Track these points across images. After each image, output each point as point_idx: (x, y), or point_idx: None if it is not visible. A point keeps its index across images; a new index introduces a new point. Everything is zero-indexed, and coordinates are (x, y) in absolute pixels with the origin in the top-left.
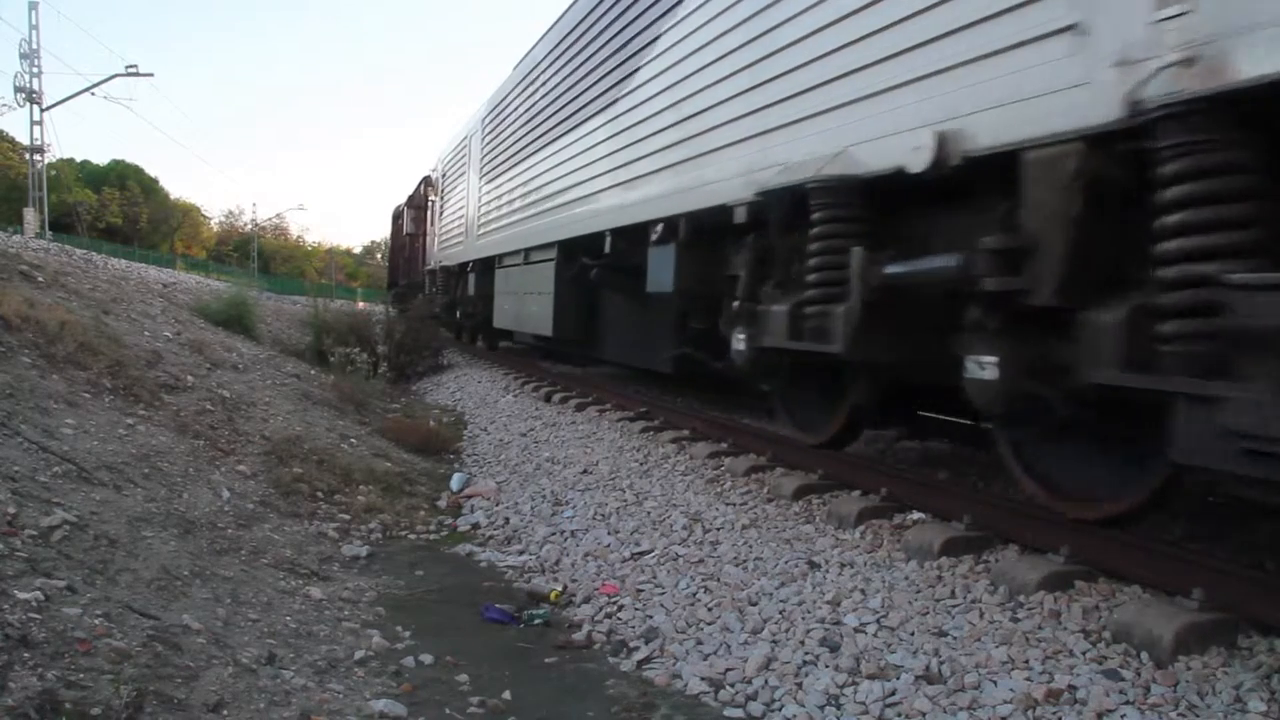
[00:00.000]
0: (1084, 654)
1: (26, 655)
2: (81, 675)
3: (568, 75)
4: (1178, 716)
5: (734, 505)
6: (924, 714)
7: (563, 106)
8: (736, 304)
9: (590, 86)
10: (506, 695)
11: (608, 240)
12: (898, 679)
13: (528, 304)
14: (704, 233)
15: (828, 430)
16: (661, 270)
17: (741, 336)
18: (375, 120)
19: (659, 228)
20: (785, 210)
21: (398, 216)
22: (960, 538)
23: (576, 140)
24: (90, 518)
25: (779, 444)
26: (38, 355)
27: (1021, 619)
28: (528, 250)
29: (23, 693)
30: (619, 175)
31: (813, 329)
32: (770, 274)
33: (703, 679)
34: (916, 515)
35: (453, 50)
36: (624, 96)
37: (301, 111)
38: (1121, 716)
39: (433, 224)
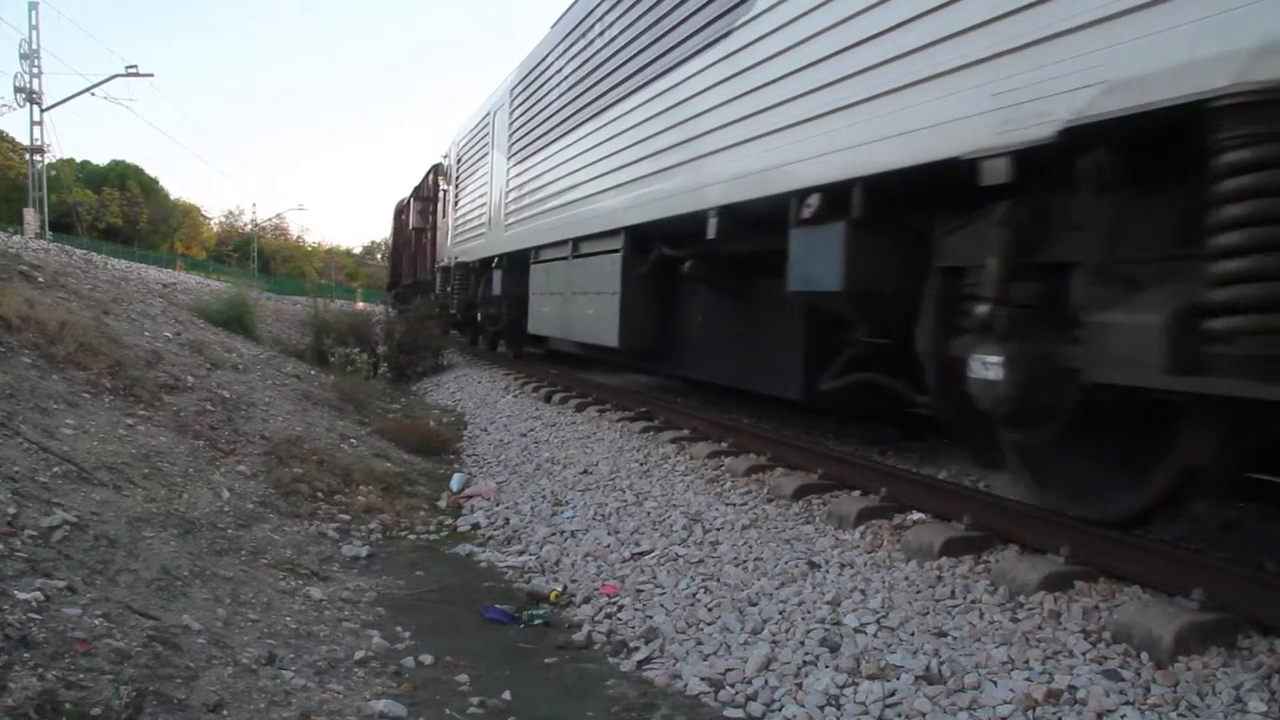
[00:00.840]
0: (1084, 654)
1: (26, 655)
2: (81, 675)
3: (644, 13)
4: (1178, 717)
5: (734, 505)
6: (924, 714)
7: (632, 57)
8: (985, 309)
9: (681, 23)
10: (506, 695)
11: (712, 222)
12: (898, 679)
13: (579, 306)
14: (894, 204)
15: (1131, 502)
16: (819, 260)
17: (995, 360)
18: (376, 119)
19: (812, 200)
20: (1116, 155)
21: (400, 211)
22: (960, 538)
23: (656, 97)
24: (90, 518)
25: (779, 444)
26: (38, 355)
27: (1021, 619)
28: (577, 241)
29: (23, 693)
30: (737, 132)
31: (1241, 359)
32: (1075, 258)
33: (703, 679)
34: (916, 515)
35: (454, 49)
36: (744, 24)
37: (302, 111)
38: (1121, 717)
39: (445, 216)
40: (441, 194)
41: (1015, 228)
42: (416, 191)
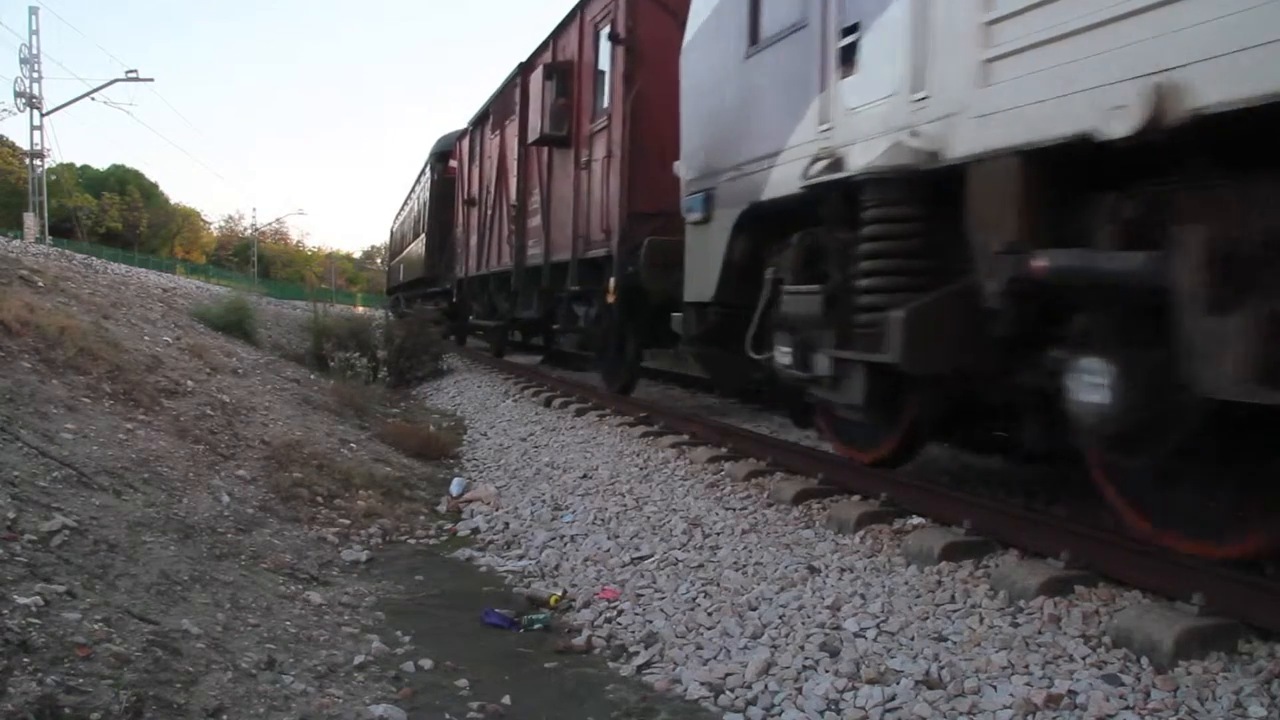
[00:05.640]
0: (1084, 659)
1: (26, 660)
2: (81, 680)
3: None
4: None
5: (734, 510)
6: (924, 719)
7: None
8: None
9: None
10: (506, 700)
11: None
12: (897, 684)
13: None
14: None
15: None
16: None
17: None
18: (377, 121)
19: None
20: None
21: (442, 155)
22: (960, 542)
23: None
24: (90, 523)
25: (779, 449)
26: (38, 360)
27: (1021, 624)
28: None
29: (22, 698)
30: None
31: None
32: None
33: (702, 684)
34: (916, 520)
35: (454, 51)
36: None
37: (302, 115)
38: None
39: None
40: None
41: None
42: (536, 62)
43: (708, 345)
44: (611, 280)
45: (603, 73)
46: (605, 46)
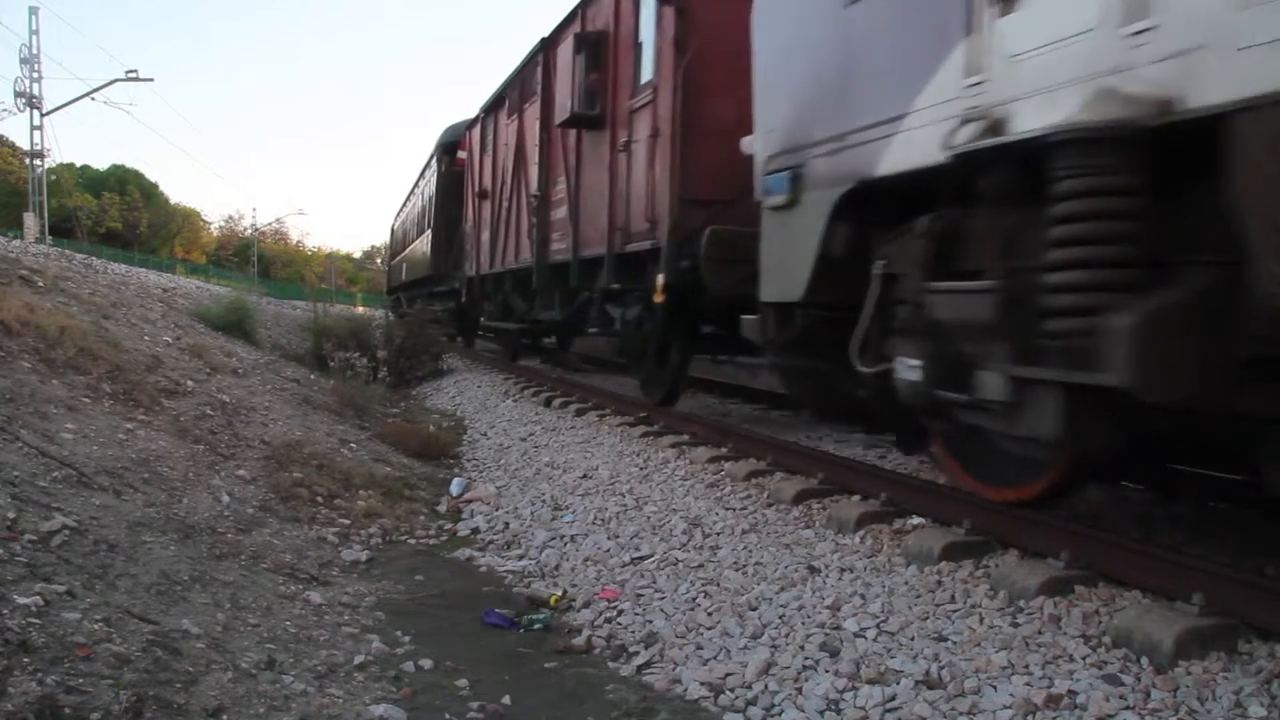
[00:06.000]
0: (1084, 659)
1: (26, 660)
2: (81, 680)
3: None
4: None
5: (734, 510)
6: (924, 719)
7: None
8: None
9: None
10: (506, 700)
11: None
12: (897, 684)
13: None
14: None
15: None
16: None
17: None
18: (376, 121)
19: None
20: None
21: (450, 147)
22: (960, 543)
23: None
24: (90, 523)
25: (779, 449)
26: (38, 360)
27: (1021, 624)
28: None
29: (22, 698)
30: None
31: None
32: None
33: (702, 684)
34: (916, 520)
35: (453, 50)
36: None
37: (302, 115)
38: None
39: None
40: None
41: None
42: (563, 35)
43: (794, 355)
44: (660, 277)
45: (642, 44)
46: (648, 11)
